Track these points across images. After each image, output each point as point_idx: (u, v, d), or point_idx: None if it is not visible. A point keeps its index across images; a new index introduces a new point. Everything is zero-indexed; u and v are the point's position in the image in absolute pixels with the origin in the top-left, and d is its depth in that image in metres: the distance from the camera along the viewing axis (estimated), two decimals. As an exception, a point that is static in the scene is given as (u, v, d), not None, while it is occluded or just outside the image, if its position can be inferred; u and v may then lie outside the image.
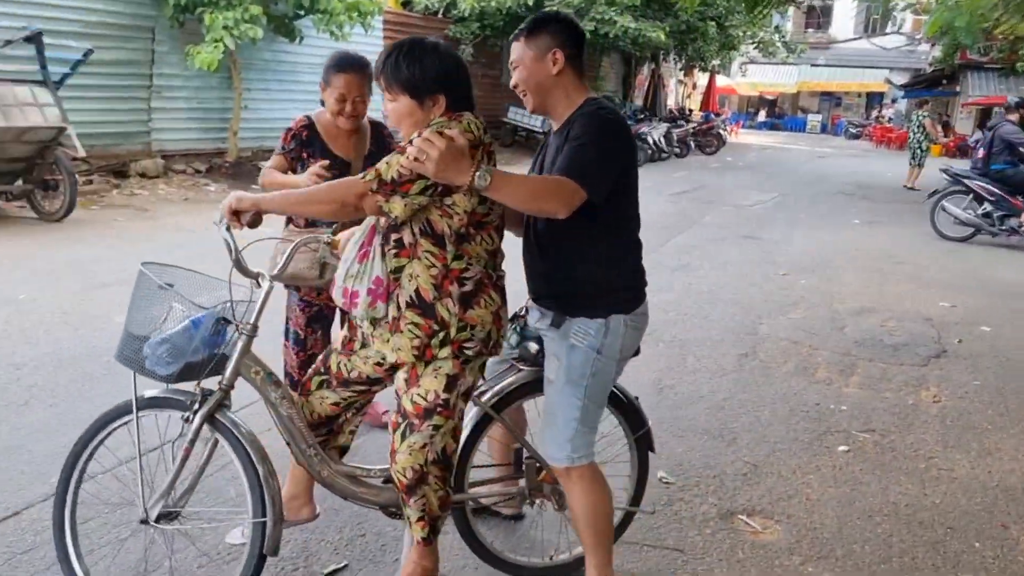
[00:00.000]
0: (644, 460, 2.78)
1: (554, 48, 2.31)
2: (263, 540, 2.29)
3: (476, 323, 2.21)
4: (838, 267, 8.41)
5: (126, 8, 10.76)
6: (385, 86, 2.19)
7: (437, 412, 2.23)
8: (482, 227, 2.22)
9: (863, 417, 4.37)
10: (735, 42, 24.36)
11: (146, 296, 2.31)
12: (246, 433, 2.33)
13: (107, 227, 8.50)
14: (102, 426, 2.42)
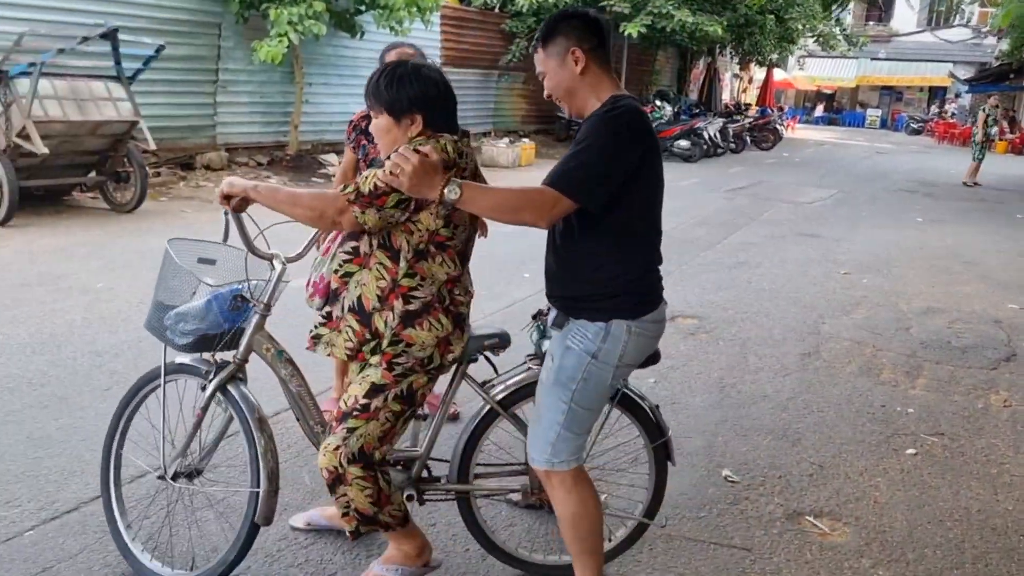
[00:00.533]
0: (662, 471, 2.70)
1: (571, 47, 2.21)
2: (255, 510, 2.43)
3: (414, 342, 2.27)
4: (901, 266, 8.27)
5: (194, 5, 11.04)
6: (369, 104, 2.32)
7: (353, 416, 2.30)
8: (443, 248, 2.28)
9: (931, 420, 4.32)
10: (794, 36, 23.96)
11: (172, 272, 2.47)
12: (251, 405, 2.48)
13: (176, 218, 8.75)
14: (140, 388, 2.67)
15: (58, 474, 3.25)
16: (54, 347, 4.63)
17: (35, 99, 7.65)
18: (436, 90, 2.29)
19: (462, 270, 2.36)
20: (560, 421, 2.30)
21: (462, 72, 16.56)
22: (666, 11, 16.77)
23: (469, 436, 2.59)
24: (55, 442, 3.51)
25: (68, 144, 8.19)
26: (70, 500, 3.06)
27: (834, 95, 45.67)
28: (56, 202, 9.02)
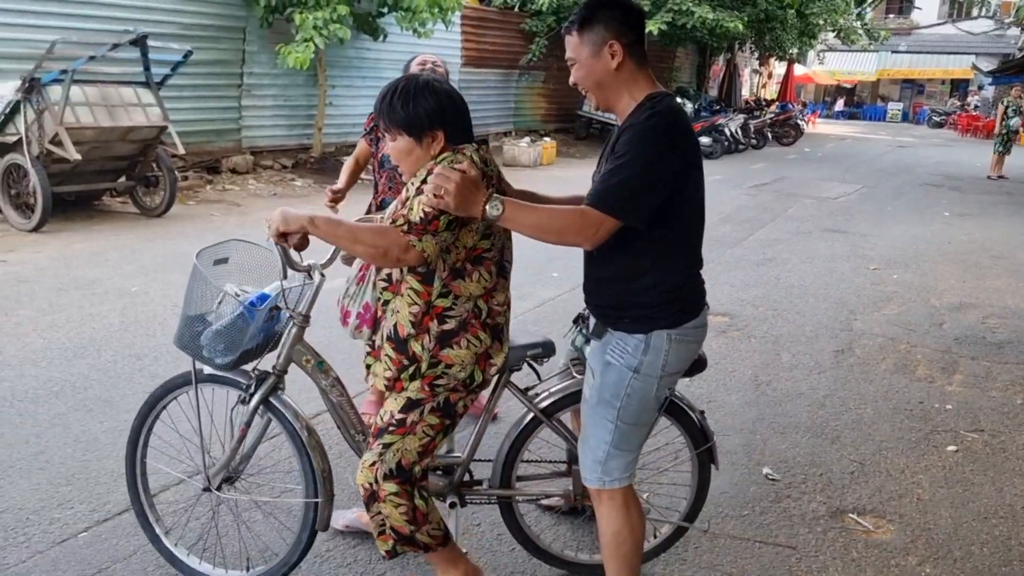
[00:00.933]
0: (705, 475, 2.69)
1: (610, 40, 2.10)
2: (315, 518, 2.45)
3: (453, 363, 2.22)
4: (931, 261, 8.21)
5: (219, 10, 11.12)
6: (384, 127, 2.19)
7: (389, 431, 2.25)
8: (480, 262, 2.21)
9: (970, 416, 4.29)
10: (815, 30, 23.80)
11: (200, 285, 2.42)
12: (298, 416, 2.47)
13: (205, 222, 8.83)
14: (161, 396, 2.62)
15: (107, 476, 3.30)
16: (94, 351, 4.69)
17: (67, 106, 7.75)
18: (452, 102, 2.19)
19: (498, 279, 2.28)
20: (608, 440, 2.25)
21: (483, 72, 16.59)
22: (686, 8, 16.72)
23: (512, 443, 2.60)
24: (102, 444, 3.57)
25: (99, 150, 8.30)
26: (121, 502, 3.10)
27: (854, 89, 45.30)
28: (87, 207, 9.13)
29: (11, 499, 3.10)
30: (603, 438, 2.25)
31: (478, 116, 16.40)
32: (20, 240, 7.50)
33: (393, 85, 2.19)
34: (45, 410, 3.89)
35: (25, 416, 3.81)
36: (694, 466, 2.68)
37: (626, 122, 2.12)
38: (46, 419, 3.79)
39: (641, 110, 2.10)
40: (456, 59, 15.74)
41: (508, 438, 2.62)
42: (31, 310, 5.37)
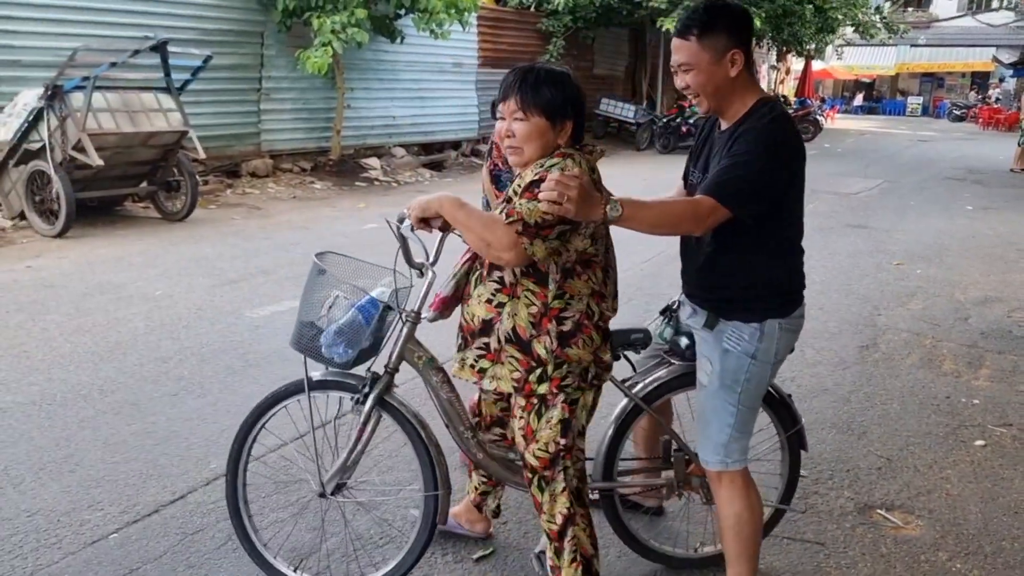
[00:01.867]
0: (796, 458, 2.76)
1: (733, 49, 2.18)
2: (435, 511, 2.47)
3: (573, 361, 2.25)
4: (955, 255, 8.13)
5: (238, 15, 11.22)
6: (520, 106, 2.17)
7: (561, 457, 2.31)
8: (588, 265, 2.24)
9: (998, 411, 4.25)
10: (833, 25, 23.61)
11: (317, 287, 2.46)
12: (414, 413, 2.49)
13: (226, 225, 8.90)
14: (271, 404, 2.58)
15: (136, 478, 3.33)
16: (120, 355, 4.74)
17: (89, 112, 7.83)
18: (582, 99, 2.25)
19: (606, 283, 2.31)
20: (731, 424, 2.36)
21: (500, 72, 16.48)
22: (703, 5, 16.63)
23: (614, 434, 2.62)
24: (130, 447, 3.60)
25: (121, 155, 8.38)
26: (150, 503, 3.14)
27: (873, 84, 44.95)
28: (109, 212, 9.23)
29: (43, 501, 3.14)
30: (726, 421, 2.36)
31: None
32: (45, 246, 7.59)
33: (531, 67, 2.22)
34: (74, 413, 3.93)
35: (54, 419, 3.86)
36: (784, 450, 2.75)
37: (740, 125, 2.21)
38: (75, 422, 3.84)
39: (757, 114, 2.21)
40: (473, 60, 15.77)
41: (609, 429, 2.65)
42: (57, 315, 5.43)
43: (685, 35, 2.20)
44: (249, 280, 6.48)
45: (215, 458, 3.51)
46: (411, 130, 14.50)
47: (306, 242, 8.00)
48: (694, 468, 2.64)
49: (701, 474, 2.61)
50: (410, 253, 2.44)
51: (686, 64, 2.21)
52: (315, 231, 8.67)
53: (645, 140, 18.98)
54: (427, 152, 14.95)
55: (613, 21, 18.46)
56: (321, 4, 10.66)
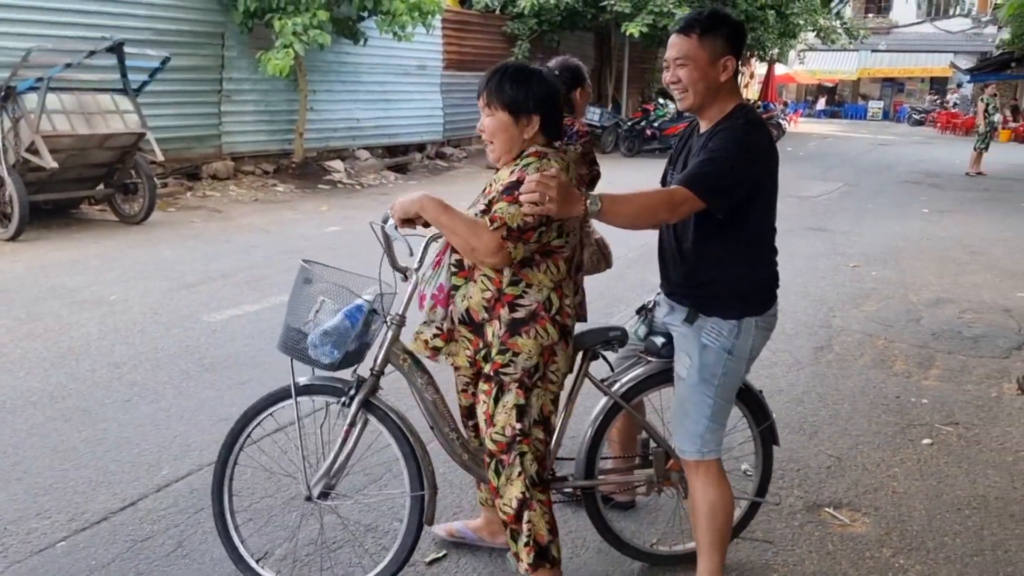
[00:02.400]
0: (768, 453, 2.85)
1: (728, 55, 2.31)
2: (422, 512, 2.48)
3: (520, 350, 2.27)
4: (909, 258, 8.28)
5: (197, 16, 11.10)
6: (486, 101, 2.30)
7: (517, 442, 2.34)
8: (549, 255, 2.28)
9: (945, 410, 4.34)
10: (795, 30, 23.95)
11: (304, 292, 2.48)
12: (400, 415, 2.50)
13: (185, 228, 8.80)
14: (259, 411, 2.59)
15: (85, 485, 3.29)
16: (72, 360, 4.67)
17: (43, 114, 7.70)
18: (554, 96, 2.32)
19: (568, 275, 2.34)
20: (708, 415, 2.45)
21: (465, 75, 16.59)
22: (667, 10, 16.80)
23: (594, 432, 2.67)
24: (80, 454, 3.55)
25: (77, 157, 8.25)
26: (99, 511, 3.10)
27: (835, 88, 45.62)
28: (65, 216, 9.08)
29: (-13, 509, 3.09)
30: (703, 413, 2.46)
31: (461, 119, 16.45)
32: (-2, 249, 7.46)
33: (505, 65, 2.33)
34: (22, 420, 3.87)
35: (2, 426, 3.79)
36: (757, 444, 2.84)
37: (718, 126, 2.35)
38: (23, 429, 3.77)
39: (734, 117, 2.35)
40: (437, 62, 15.76)
41: (590, 428, 2.69)
42: (8, 320, 5.34)
43: (688, 32, 2.31)
44: (208, 284, 6.41)
45: (167, 464, 3.48)
46: (375, 132, 14.45)
47: (267, 245, 7.95)
48: (673, 464, 2.70)
49: (679, 469, 2.67)
50: (394, 256, 2.48)
51: (683, 59, 2.31)
52: (276, 234, 8.61)
53: (610, 143, 19.09)
54: (391, 154, 14.91)
55: (578, 25, 18.57)
56: (283, 5, 10.58)
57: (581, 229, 2.40)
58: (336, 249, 7.69)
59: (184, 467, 3.46)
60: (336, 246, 7.90)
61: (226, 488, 2.63)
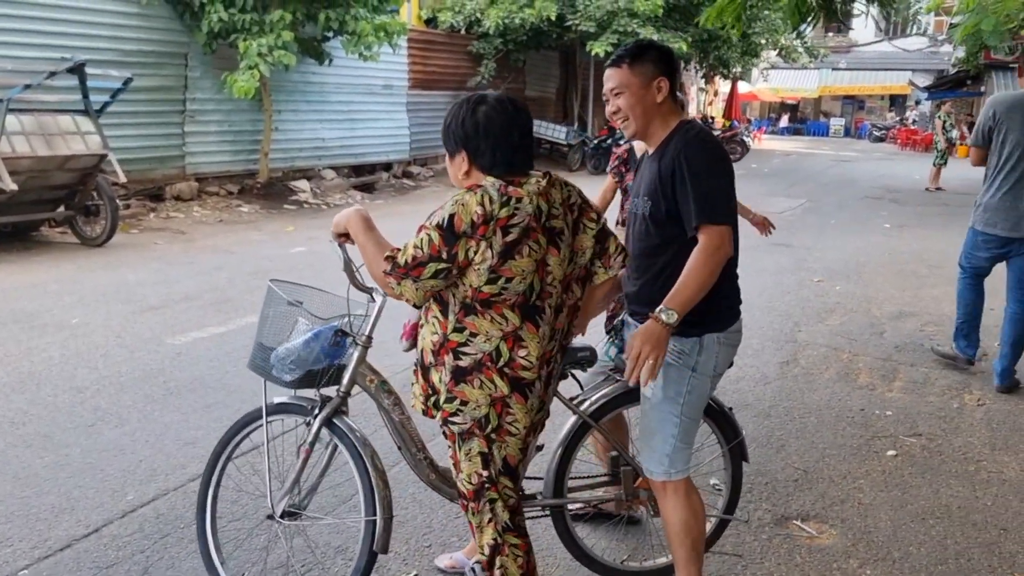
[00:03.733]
0: (738, 469, 2.87)
1: (659, 77, 2.38)
2: (373, 537, 2.43)
3: (468, 399, 2.16)
4: (872, 272, 8.42)
5: (160, 36, 11.02)
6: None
7: (486, 489, 2.26)
8: (490, 305, 2.11)
9: (909, 422, 4.41)
10: (757, 49, 24.38)
11: (274, 311, 2.49)
12: (360, 437, 2.48)
13: (148, 250, 8.69)
14: (236, 431, 2.61)
15: (48, 512, 3.22)
16: (33, 385, 4.58)
17: (2, 135, 7.59)
18: (478, 126, 2.11)
19: (525, 326, 2.14)
20: (675, 434, 2.45)
21: (431, 94, 16.66)
22: (631, 29, 16.99)
23: (563, 451, 2.66)
24: (42, 480, 3.48)
25: (37, 179, 8.14)
26: (62, 537, 3.04)
27: (798, 105, 46.37)
28: (24, 238, 8.94)
29: (-56, 540, 3.01)
30: (670, 432, 2.45)
31: (426, 138, 16.48)
32: (-44, 273, 7.31)
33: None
34: (-19, 447, 3.79)
35: (-40, 454, 3.71)
36: (727, 461, 2.86)
37: (668, 144, 2.39)
38: (-18, 456, 3.69)
39: (683, 131, 2.40)
40: (403, 81, 15.79)
41: (559, 447, 2.67)
42: (-33, 345, 5.23)
43: (618, 63, 2.42)
44: (171, 306, 6.34)
45: (132, 489, 3.42)
46: (341, 152, 14.42)
47: (231, 266, 7.87)
48: (642, 482, 2.69)
49: (648, 487, 2.66)
50: (355, 275, 2.45)
51: (618, 88, 2.40)
52: (241, 255, 8.54)
53: (577, 161, 19.23)
54: (358, 174, 14.88)
55: (543, 44, 18.71)
56: (247, 26, 10.55)
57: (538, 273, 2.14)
58: (302, 270, 7.64)
59: (149, 492, 3.40)
60: (302, 267, 7.86)
61: (208, 510, 2.64)
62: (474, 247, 2.04)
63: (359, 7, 11.47)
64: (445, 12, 17.37)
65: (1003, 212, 4.79)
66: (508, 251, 2.05)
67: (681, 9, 18.87)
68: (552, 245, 2.13)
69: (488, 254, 2.04)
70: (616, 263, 2.30)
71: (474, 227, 2.03)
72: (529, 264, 2.09)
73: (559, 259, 2.16)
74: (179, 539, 3.04)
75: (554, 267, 2.15)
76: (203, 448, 3.82)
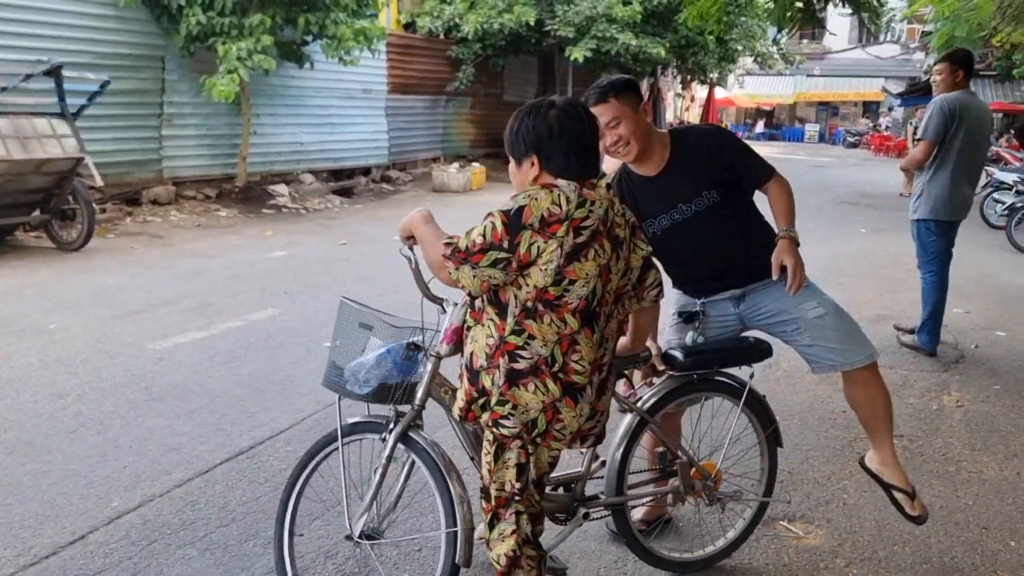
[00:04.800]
0: (774, 455, 3.04)
1: (641, 103, 2.77)
2: (455, 550, 2.36)
3: (519, 403, 2.16)
4: (850, 275, 8.51)
5: (137, 39, 10.91)
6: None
7: (516, 500, 2.26)
8: (552, 307, 2.12)
9: (890, 423, 4.45)
10: (734, 55, 24.58)
11: (345, 329, 2.47)
12: (438, 450, 2.43)
13: (125, 255, 8.61)
14: (313, 455, 2.57)
15: (32, 520, 3.18)
16: (13, 391, 4.53)
17: (-22, 139, 7.50)
18: (551, 130, 2.13)
19: (584, 331, 2.15)
20: (853, 320, 2.92)
21: (410, 99, 16.64)
22: (610, 35, 17.07)
23: (623, 449, 2.72)
24: (25, 487, 3.44)
25: (12, 183, 8.03)
26: (47, 545, 3.00)
27: (773, 111, 46.85)
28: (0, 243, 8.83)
29: (-75, 548, 2.96)
30: (852, 320, 2.91)
31: (405, 142, 16.46)
32: (-71, 278, 7.20)
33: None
34: (-39, 454, 3.73)
35: (-61, 461, 3.65)
36: (763, 447, 3.02)
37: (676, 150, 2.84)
38: (-38, 463, 3.64)
39: (685, 132, 2.94)
40: (382, 86, 15.76)
41: (619, 445, 2.72)
42: (-57, 351, 5.15)
43: (605, 99, 2.69)
44: (151, 311, 6.28)
45: (117, 496, 3.39)
46: (319, 156, 14.36)
47: (211, 271, 7.81)
48: (695, 473, 2.79)
49: (702, 478, 2.79)
50: (425, 285, 2.42)
51: (614, 119, 2.69)
52: (220, 259, 8.48)
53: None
54: (336, 178, 14.83)
55: (522, 49, 18.75)
56: (226, 29, 10.48)
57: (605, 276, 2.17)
58: (282, 275, 7.61)
59: (135, 498, 3.37)
60: (282, 271, 7.82)
61: (286, 541, 2.60)
62: (542, 244, 2.05)
63: (339, 11, 11.43)
64: (424, 17, 17.37)
65: (950, 200, 5.52)
66: (575, 253, 2.08)
67: (659, 15, 19.01)
68: (615, 252, 2.18)
69: (557, 253, 2.06)
70: (649, 296, 2.37)
71: (543, 223, 2.05)
72: (593, 268, 2.12)
73: (618, 269, 2.21)
74: (167, 545, 3.01)
75: (614, 275, 2.20)
76: (187, 454, 3.79)
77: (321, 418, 4.25)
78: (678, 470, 2.80)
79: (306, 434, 4.04)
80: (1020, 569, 3.07)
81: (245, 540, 3.06)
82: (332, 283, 7.23)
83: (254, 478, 3.59)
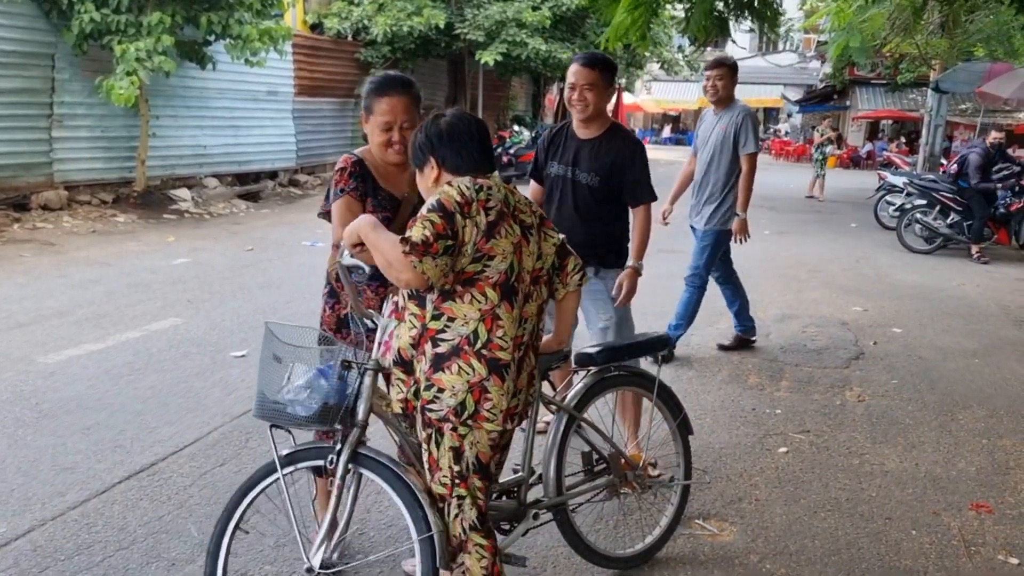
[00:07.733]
0: (687, 441, 3.19)
1: (613, 85, 3.47)
2: (434, 554, 2.26)
3: (444, 387, 2.21)
4: (756, 277, 8.72)
5: (22, 35, 10.30)
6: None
7: (457, 484, 2.29)
8: (473, 283, 2.20)
9: (797, 419, 4.58)
10: (641, 61, 25.06)
11: (270, 359, 2.35)
12: (392, 460, 2.36)
13: (13, 264, 8.13)
14: (247, 490, 2.39)
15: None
16: None
17: None
18: (441, 134, 2.30)
19: (503, 305, 2.22)
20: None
21: (317, 101, 16.32)
22: (520, 39, 17.14)
23: (558, 449, 2.75)
24: None
25: None
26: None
27: (679, 117, 47.96)
28: None
29: None
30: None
31: (314, 146, 16.13)
32: None
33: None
34: None
35: None
36: (675, 435, 3.17)
37: (611, 136, 3.52)
38: None
39: (623, 131, 3.59)
40: (289, 88, 15.41)
41: (553, 447, 2.75)
42: None
43: (592, 66, 3.40)
44: (41, 323, 5.94)
45: (5, 521, 3.18)
46: (224, 159, 13.92)
47: (108, 279, 7.45)
48: (624, 464, 2.88)
49: (632, 468, 2.95)
50: (358, 299, 2.44)
51: (589, 85, 3.38)
52: (119, 267, 8.10)
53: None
54: (242, 182, 14.40)
55: (432, 53, 18.64)
56: (122, 28, 10.03)
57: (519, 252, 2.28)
58: (186, 282, 7.32)
59: (24, 523, 3.16)
60: (186, 279, 7.52)
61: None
62: (464, 223, 2.17)
63: (243, 11, 11.09)
64: (332, 18, 17.07)
65: None
66: (490, 230, 2.20)
67: (568, 20, 19.18)
68: (524, 236, 2.30)
69: (474, 232, 2.17)
70: (573, 281, 2.50)
71: (460, 207, 2.17)
72: (508, 245, 2.24)
73: (529, 251, 2.32)
74: (60, 572, 2.83)
75: (526, 256, 2.31)
76: (83, 473, 3.59)
77: (228, 431, 4.09)
78: (609, 463, 2.90)
79: (212, 448, 3.88)
80: (922, 556, 3.18)
81: (147, 563, 2.90)
82: (238, 290, 7.00)
83: (156, 496, 3.42)
